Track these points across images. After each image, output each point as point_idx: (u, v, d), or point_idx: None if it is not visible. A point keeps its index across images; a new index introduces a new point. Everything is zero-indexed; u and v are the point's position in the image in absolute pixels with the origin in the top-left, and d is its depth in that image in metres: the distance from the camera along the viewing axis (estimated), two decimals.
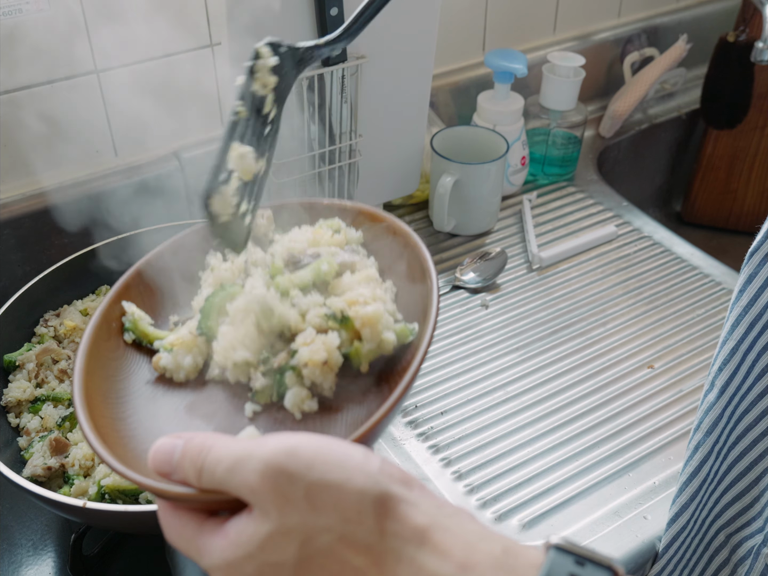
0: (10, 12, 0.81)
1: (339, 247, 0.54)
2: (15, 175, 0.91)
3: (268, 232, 0.57)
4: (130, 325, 0.52)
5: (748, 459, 0.61)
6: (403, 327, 0.48)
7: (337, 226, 0.56)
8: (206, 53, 0.96)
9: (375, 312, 0.47)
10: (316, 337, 0.47)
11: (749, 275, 0.56)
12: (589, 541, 0.72)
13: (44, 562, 0.72)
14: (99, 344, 0.50)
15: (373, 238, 0.56)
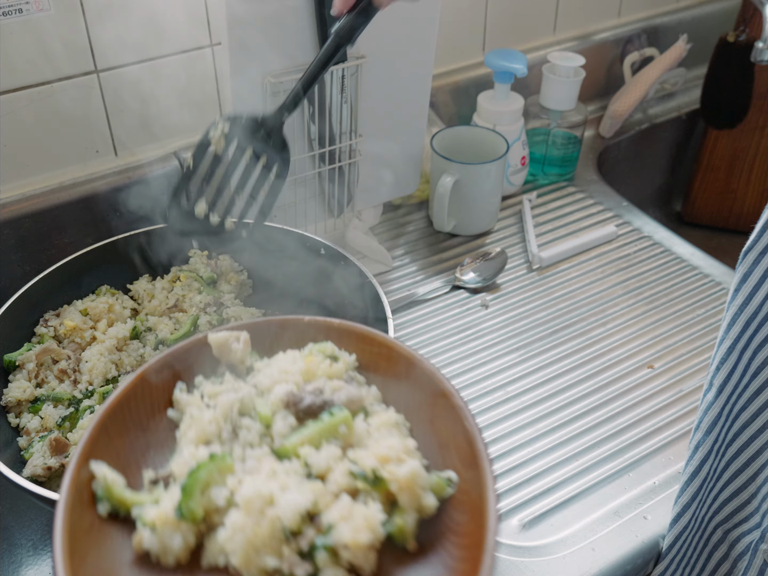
0: (10, 12, 0.81)
1: (339, 377, 0.47)
2: (15, 175, 0.91)
3: (245, 359, 0.49)
4: (103, 493, 0.42)
5: (745, 456, 0.61)
6: (438, 480, 0.42)
7: (330, 351, 0.49)
8: (206, 53, 0.96)
9: (412, 472, 0.40)
10: (353, 509, 0.39)
11: (744, 274, 0.56)
12: (589, 541, 0.72)
13: (44, 562, 0.72)
14: (75, 526, 0.40)
15: (368, 361, 0.49)
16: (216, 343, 0.49)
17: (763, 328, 0.56)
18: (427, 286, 0.99)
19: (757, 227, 0.54)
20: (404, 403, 0.47)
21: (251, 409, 0.46)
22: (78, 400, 0.75)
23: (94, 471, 0.43)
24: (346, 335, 0.50)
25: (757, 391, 0.58)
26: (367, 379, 0.49)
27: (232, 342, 0.49)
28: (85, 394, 0.75)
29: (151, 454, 0.46)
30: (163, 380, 0.48)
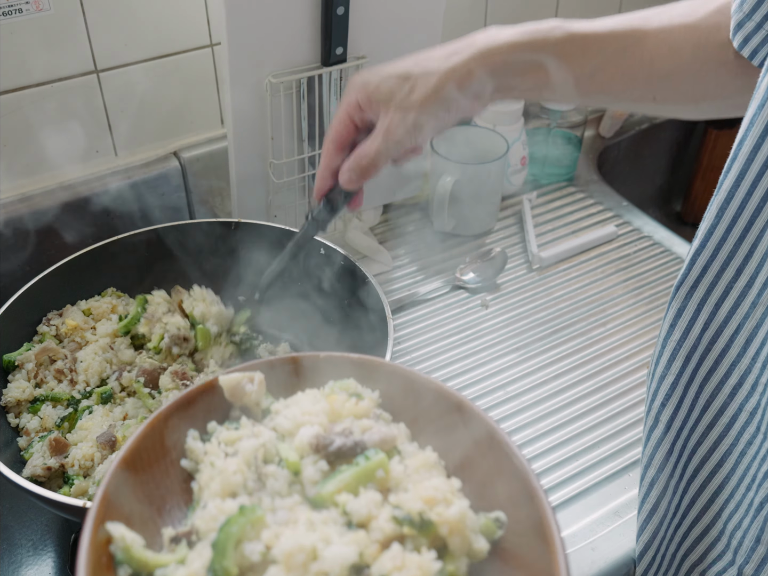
0: (10, 12, 0.81)
1: (366, 416, 0.44)
2: (15, 175, 0.91)
3: (260, 401, 0.46)
4: (123, 556, 0.39)
5: (708, 491, 0.60)
6: (486, 521, 0.39)
7: (353, 388, 0.46)
8: (206, 53, 0.96)
9: (462, 513, 0.38)
10: (406, 558, 0.36)
11: (678, 309, 0.56)
12: (589, 541, 0.72)
13: (44, 562, 0.72)
14: None
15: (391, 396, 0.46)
16: (228, 385, 0.45)
17: (705, 361, 0.55)
18: (427, 286, 0.99)
19: (686, 261, 0.54)
20: (435, 441, 0.44)
21: (275, 456, 0.43)
22: (77, 401, 0.75)
23: (112, 532, 0.39)
24: (366, 369, 0.47)
25: (710, 426, 0.57)
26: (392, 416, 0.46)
27: (246, 384, 0.45)
28: (84, 395, 0.75)
29: (168, 509, 0.43)
30: (174, 429, 0.45)
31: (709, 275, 0.53)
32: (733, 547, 0.59)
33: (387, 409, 0.46)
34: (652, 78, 0.59)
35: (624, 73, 0.60)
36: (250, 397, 0.45)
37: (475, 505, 0.40)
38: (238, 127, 0.86)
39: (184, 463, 0.44)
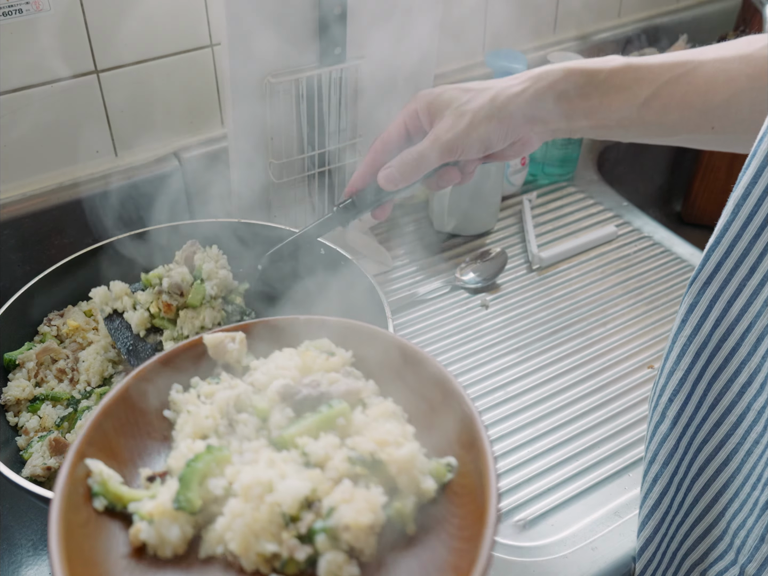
0: (10, 12, 0.81)
1: (335, 371, 0.47)
2: (15, 175, 0.91)
3: (241, 358, 0.49)
4: (99, 488, 0.42)
5: (713, 490, 0.60)
6: (437, 465, 0.42)
7: (327, 347, 0.49)
8: (206, 53, 0.96)
9: (411, 454, 0.41)
10: (355, 492, 0.39)
11: (690, 304, 0.55)
12: (589, 541, 0.72)
13: (44, 562, 0.72)
14: (70, 521, 0.40)
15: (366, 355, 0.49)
16: (212, 343, 0.49)
17: (715, 358, 0.55)
18: (427, 286, 0.99)
19: (703, 256, 0.54)
20: (402, 395, 0.47)
21: (248, 406, 0.46)
22: (77, 401, 0.75)
23: (90, 467, 0.42)
24: (343, 332, 0.50)
25: (717, 423, 0.57)
26: (364, 374, 0.49)
27: (228, 342, 0.49)
28: (84, 395, 0.75)
29: (148, 454, 0.46)
30: (159, 382, 0.48)
31: (723, 272, 0.53)
32: (736, 546, 0.59)
33: (362, 370, 0.48)
34: (708, 106, 0.59)
35: (680, 100, 0.60)
36: (232, 355, 0.49)
37: (431, 451, 0.43)
38: (238, 127, 0.86)
39: (167, 413, 0.47)
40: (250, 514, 0.39)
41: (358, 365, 0.49)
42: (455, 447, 0.44)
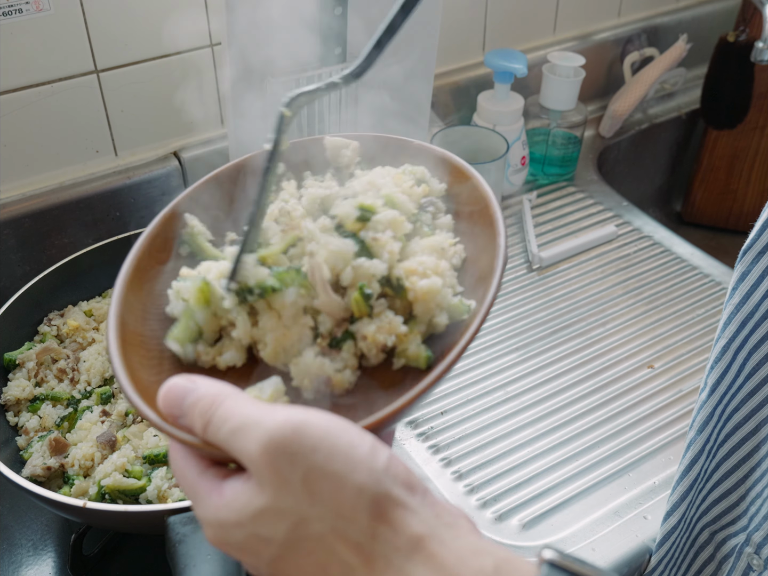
0: (10, 12, 0.81)
1: (416, 199, 0.50)
2: (15, 175, 0.91)
3: (351, 165, 0.53)
4: (188, 238, 0.48)
5: (735, 457, 0.61)
6: (459, 302, 0.44)
7: (421, 174, 0.52)
8: (206, 53, 0.96)
9: (431, 287, 0.43)
10: (386, 314, 0.43)
11: (742, 273, 0.56)
12: (589, 541, 0.72)
13: (44, 562, 0.72)
14: (151, 254, 0.46)
15: (455, 192, 0.52)
16: (331, 145, 0.53)
17: (759, 328, 0.55)
18: None
19: (757, 225, 0.54)
20: (469, 237, 0.50)
21: (332, 207, 0.49)
22: (77, 401, 0.75)
23: (187, 219, 0.48)
24: (448, 166, 0.52)
25: (751, 393, 0.57)
26: (449, 209, 0.51)
27: (343, 148, 0.53)
28: (84, 395, 0.75)
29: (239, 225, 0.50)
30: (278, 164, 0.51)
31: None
32: (750, 513, 0.60)
33: (451, 202, 0.52)
34: None
35: None
36: (344, 160, 0.53)
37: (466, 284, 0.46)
38: (238, 127, 0.86)
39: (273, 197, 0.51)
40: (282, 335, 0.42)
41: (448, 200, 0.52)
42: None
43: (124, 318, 0.43)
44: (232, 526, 0.34)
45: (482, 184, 0.51)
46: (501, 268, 0.44)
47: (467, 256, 0.49)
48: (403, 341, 0.43)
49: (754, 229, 0.54)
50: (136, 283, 0.45)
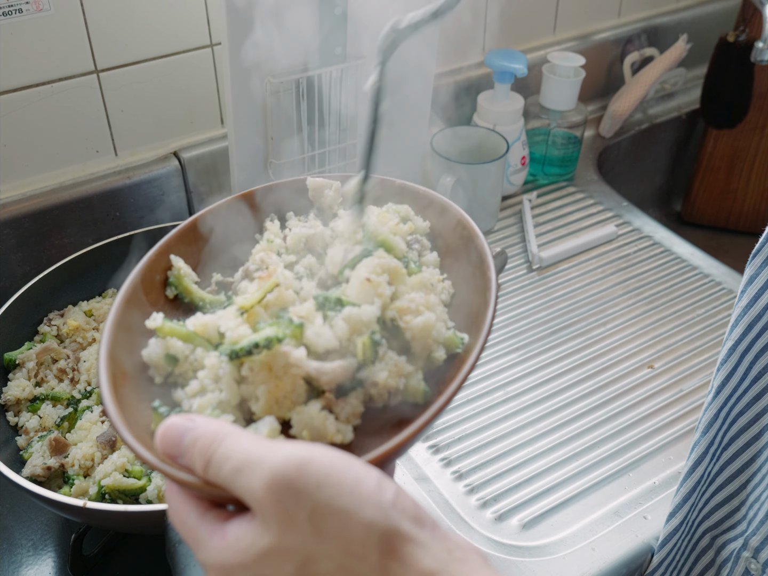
0: (10, 12, 0.81)
1: (402, 236, 0.50)
2: (15, 175, 0.91)
3: (334, 205, 0.54)
4: (174, 280, 0.49)
5: (740, 461, 0.60)
6: (452, 336, 0.45)
7: (405, 213, 0.52)
8: (206, 53, 0.96)
9: (426, 323, 0.43)
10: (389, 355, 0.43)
11: (750, 276, 0.56)
12: (589, 541, 0.72)
13: (44, 562, 0.72)
14: (138, 296, 0.46)
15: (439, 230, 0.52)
16: (313, 185, 0.54)
17: (766, 332, 0.55)
18: None
19: (766, 231, 0.54)
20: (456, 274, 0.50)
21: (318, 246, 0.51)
22: (77, 401, 0.75)
23: (173, 261, 0.49)
24: (430, 204, 0.53)
25: (757, 396, 0.57)
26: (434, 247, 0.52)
27: (326, 188, 0.54)
28: (84, 395, 0.75)
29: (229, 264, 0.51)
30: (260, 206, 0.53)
31: None
32: (749, 518, 0.60)
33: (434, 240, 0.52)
34: None
35: None
36: (327, 200, 0.54)
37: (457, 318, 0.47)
38: (238, 127, 0.86)
39: (258, 237, 0.53)
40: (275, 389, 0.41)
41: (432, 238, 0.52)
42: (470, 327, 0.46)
43: (114, 358, 0.42)
44: (237, 568, 0.33)
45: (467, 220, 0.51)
46: (494, 302, 0.44)
47: (455, 292, 0.49)
48: None
49: (765, 232, 0.54)
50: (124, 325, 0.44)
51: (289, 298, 0.45)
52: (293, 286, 0.46)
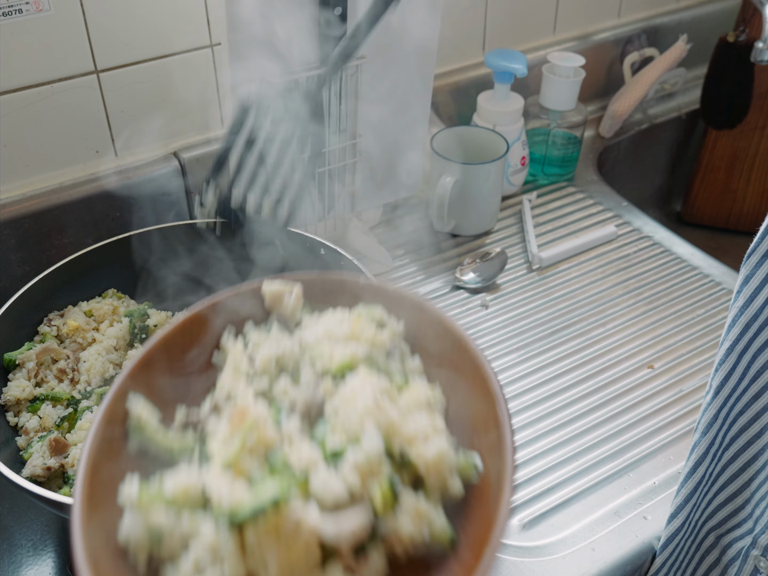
0: (10, 12, 0.81)
1: (381, 347, 0.46)
2: (15, 175, 0.91)
3: (296, 313, 0.49)
4: (136, 432, 0.43)
5: (741, 460, 0.61)
6: (464, 463, 0.40)
7: (379, 316, 0.48)
8: (206, 53, 0.96)
9: (440, 452, 0.39)
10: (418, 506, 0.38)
11: (746, 276, 0.56)
12: (589, 541, 0.72)
13: (44, 562, 0.72)
14: (100, 466, 0.40)
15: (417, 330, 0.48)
16: (270, 294, 0.49)
17: (763, 331, 0.55)
18: (427, 286, 0.99)
19: (762, 229, 0.54)
20: (444, 378, 0.46)
21: (289, 364, 0.46)
22: (77, 401, 0.75)
23: (131, 408, 0.43)
24: (399, 302, 0.49)
25: (756, 396, 0.58)
26: (412, 349, 0.48)
27: (285, 295, 0.49)
28: (84, 395, 0.75)
29: (191, 394, 0.46)
30: (214, 323, 0.48)
31: None
32: (756, 516, 0.60)
33: (411, 340, 0.48)
34: None
35: None
36: (287, 308, 0.49)
37: (462, 443, 0.42)
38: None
39: (216, 359, 0.47)
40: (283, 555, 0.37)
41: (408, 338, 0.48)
42: (483, 449, 0.42)
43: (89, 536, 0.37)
44: None
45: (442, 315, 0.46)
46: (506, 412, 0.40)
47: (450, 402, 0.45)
48: None
49: (759, 232, 0.54)
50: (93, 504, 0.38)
51: (270, 438, 0.40)
52: (271, 421, 0.41)
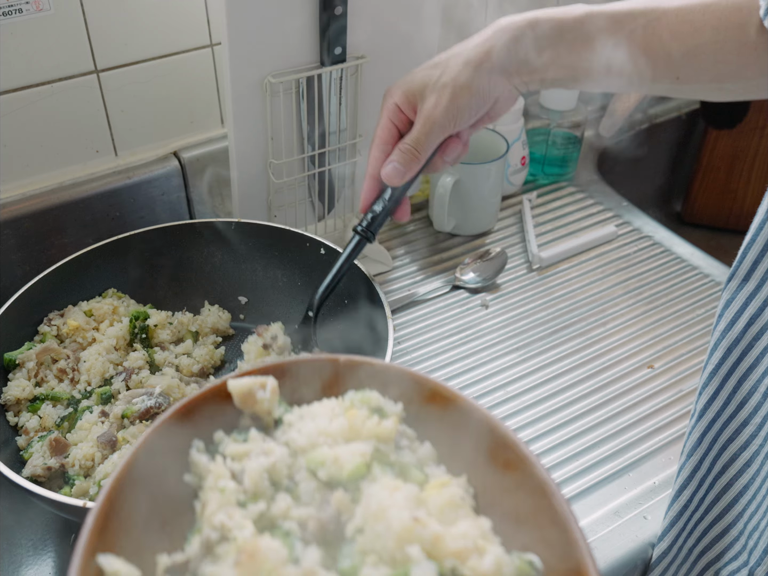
0: (10, 12, 0.81)
1: (387, 439, 0.39)
2: (15, 175, 0.91)
3: (272, 409, 0.41)
4: None
5: (734, 491, 0.60)
6: (521, 564, 0.36)
7: (375, 402, 0.41)
8: (206, 53, 0.96)
9: (497, 562, 0.34)
10: None
11: (726, 300, 0.55)
12: (589, 541, 0.72)
13: (44, 562, 0.72)
14: None
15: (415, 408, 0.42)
16: (238, 392, 0.41)
17: (747, 356, 0.55)
18: (427, 286, 0.99)
19: (740, 252, 0.54)
20: (462, 462, 0.40)
21: (283, 477, 0.39)
22: (77, 401, 0.75)
23: (104, 568, 0.34)
24: (389, 377, 0.42)
25: (744, 422, 0.57)
26: (416, 432, 0.42)
27: (257, 390, 0.41)
28: (84, 395, 0.75)
29: (170, 527, 0.39)
30: (177, 438, 0.40)
31: (760, 269, 0.53)
32: (749, 548, 0.59)
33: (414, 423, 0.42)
34: (672, 56, 0.57)
35: (644, 50, 0.58)
36: (262, 406, 0.41)
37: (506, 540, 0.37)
38: (238, 127, 0.86)
39: (187, 478, 0.39)
40: None
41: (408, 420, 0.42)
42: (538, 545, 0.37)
43: None
44: None
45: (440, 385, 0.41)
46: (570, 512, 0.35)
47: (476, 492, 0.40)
48: None
49: (738, 256, 0.54)
50: None
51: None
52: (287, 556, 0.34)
